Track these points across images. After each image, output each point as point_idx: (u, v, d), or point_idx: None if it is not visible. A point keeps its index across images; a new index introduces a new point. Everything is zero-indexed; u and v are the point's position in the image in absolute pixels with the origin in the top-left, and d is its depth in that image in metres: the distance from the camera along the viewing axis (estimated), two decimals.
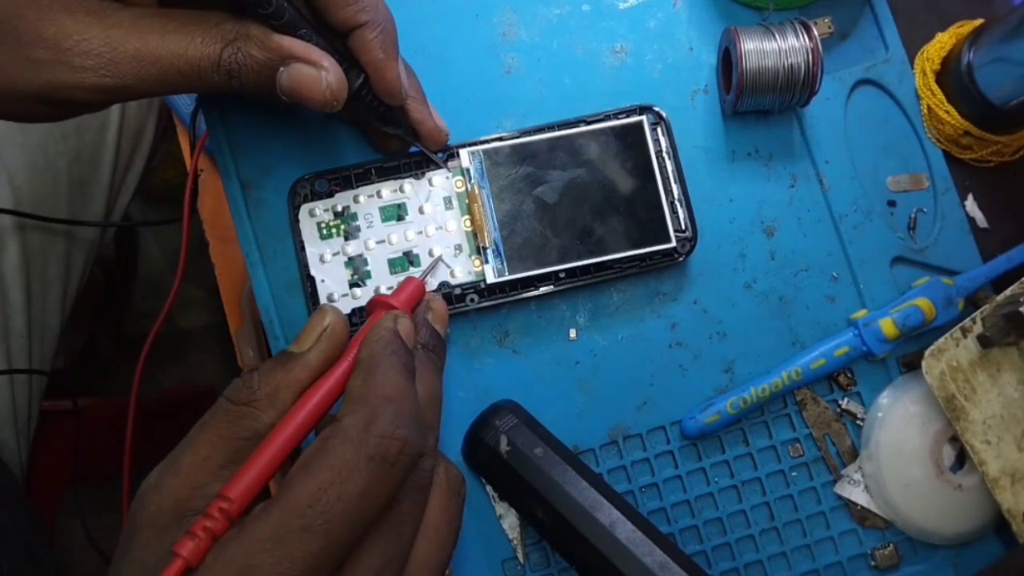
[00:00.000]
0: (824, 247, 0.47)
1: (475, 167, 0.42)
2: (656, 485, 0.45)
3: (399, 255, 0.42)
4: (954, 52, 0.48)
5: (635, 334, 0.45)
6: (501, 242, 0.41)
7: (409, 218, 0.42)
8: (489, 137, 0.43)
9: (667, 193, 0.43)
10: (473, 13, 0.46)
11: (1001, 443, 0.43)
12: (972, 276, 0.46)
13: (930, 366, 0.44)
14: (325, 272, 0.41)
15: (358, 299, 0.41)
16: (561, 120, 0.44)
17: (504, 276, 0.41)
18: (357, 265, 0.41)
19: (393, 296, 0.37)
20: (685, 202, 0.43)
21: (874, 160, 0.48)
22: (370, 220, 0.42)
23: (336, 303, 0.41)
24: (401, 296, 0.37)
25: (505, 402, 0.43)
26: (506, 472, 0.41)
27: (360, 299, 0.41)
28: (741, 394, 0.44)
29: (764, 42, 0.43)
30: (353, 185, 0.42)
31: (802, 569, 0.45)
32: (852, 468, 0.46)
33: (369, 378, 0.31)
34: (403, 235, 0.42)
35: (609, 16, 0.47)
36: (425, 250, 0.42)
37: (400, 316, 0.35)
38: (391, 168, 0.42)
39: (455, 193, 0.42)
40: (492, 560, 0.43)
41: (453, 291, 0.42)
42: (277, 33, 0.34)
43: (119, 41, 0.32)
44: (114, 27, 0.32)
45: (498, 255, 0.41)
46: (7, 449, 0.64)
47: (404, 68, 0.39)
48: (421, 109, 0.41)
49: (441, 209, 0.42)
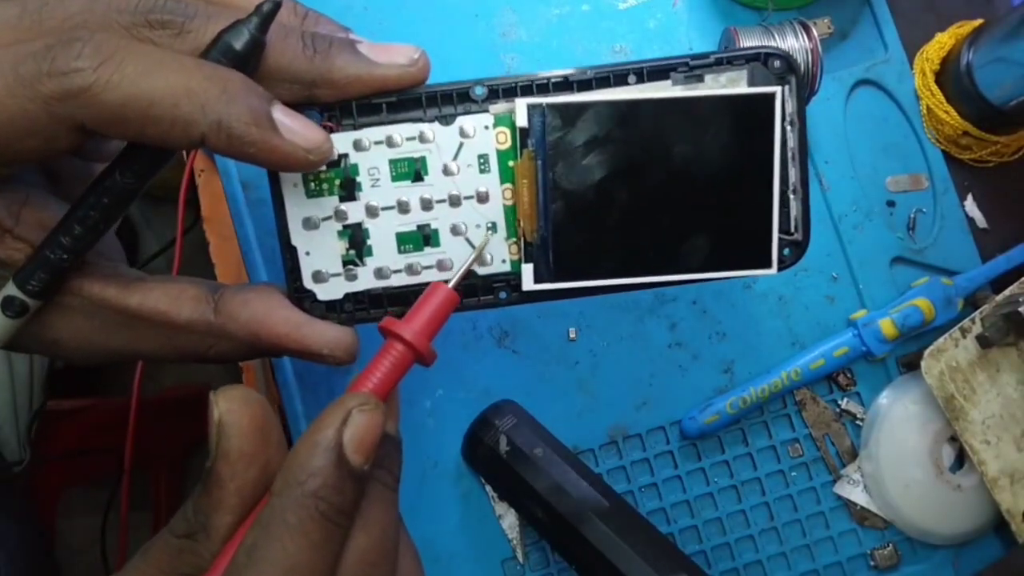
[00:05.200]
0: (824, 247, 0.47)
1: (535, 127, 0.30)
2: (656, 485, 0.45)
3: (412, 228, 0.31)
4: (953, 52, 0.48)
5: (635, 334, 0.45)
6: (552, 238, 0.30)
7: (430, 178, 0.30)
8: (550, 75, 0.30)
9: (782, 180, 0.31)
10: (473, 13, 0.47)
11: (1000, 443, 0.44)
12: (971, 276, 0.46)
13: (929, 366, 0.44)
14: (311, 242, 0.30)
15: (354, 282, 0.31)
16: (651, 60, 0.30)
17: (546, 284, 0.31)
18: (355, 236, 0.30)
19: (408, 320, 0.28)
20: (802, 192, 0.31)
21: (873, 160, 0.48)
22: (376, 176, 0.30)
23: (326, 284, 0.31)
24: (420, 318, 0.28)
25: (505, 402, 0.43)
26: (506, 472, 0.41)
27: (357, 282, 0.31)
28: (740, 394, 0.44)
29: (764, 42, 0.43)
30: (354, 119, 0.30)
31: (801, 569, 0.45)
32: (851, 468, 0.46)
33: (257, 554, 0.23)
34: (419, 201, 0.30)
35: (609, 16, 0.47)
36: (447, 225, 0.31)
37: (360, 410, 0.25)
38: (409, 103, 0.30)
39: (495, 150, 0.30)
40: (492, 560, 0.43)
41: (478, 282, 0.31)
42: None
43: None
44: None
45: (544, 255, 0.30)
46: (7, 449, 0.64)
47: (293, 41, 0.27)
48: (354, 61, 0.28)
49: (474, 171, 0.30)
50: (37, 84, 0.23)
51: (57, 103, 0.24)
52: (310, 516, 0.23)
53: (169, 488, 0.98)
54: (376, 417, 0.25)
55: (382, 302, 0.31)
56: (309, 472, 0.24)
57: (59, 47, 0.24)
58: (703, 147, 0.30)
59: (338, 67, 0.28)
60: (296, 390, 0.43)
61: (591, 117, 0.29)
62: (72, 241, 0.26)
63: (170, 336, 0.29)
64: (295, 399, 0.43)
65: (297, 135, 0.26)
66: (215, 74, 0.25)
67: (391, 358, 0.27)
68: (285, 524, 0.23)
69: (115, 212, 0.27)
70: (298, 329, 0.29)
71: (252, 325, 0.29)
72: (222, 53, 0.25)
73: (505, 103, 0.30)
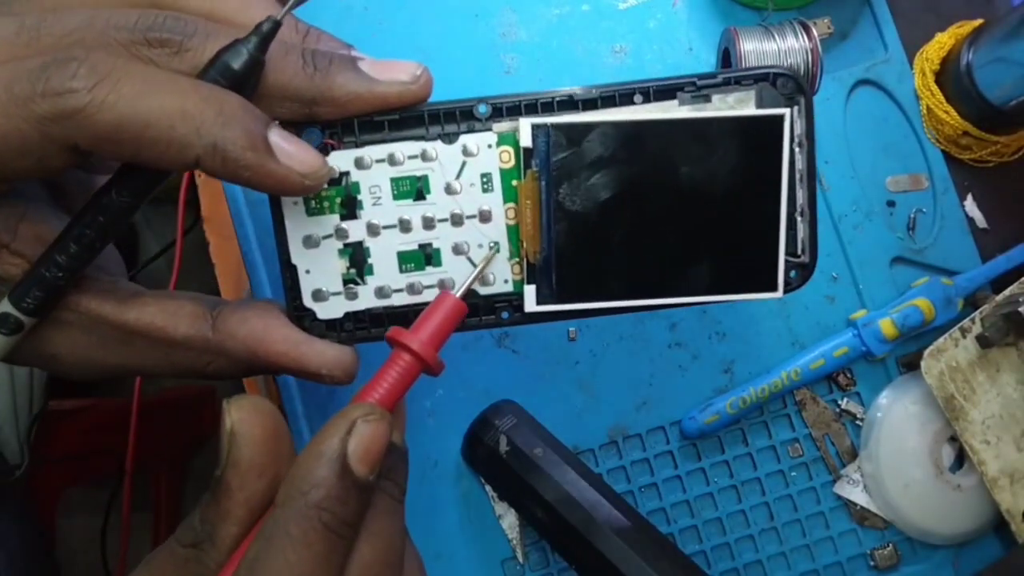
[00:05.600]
0: (823, 247, 0.46)
1: (539, 147, 0.29)
2: (655, 485, 0.45)
3: (414, 247, 0.30)
4: (953, 52, 0.48)
5: (634, 334, 0.45)
6: (555, 259, 0.30)
7: (432, 197, 0.30)
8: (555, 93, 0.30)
9: (790, 202, 0.30)
10: (473, 13, 0.47)
11: (1000, 443, 0.44)
12: (971, 276, 0.46)
13: (929, 366, 0.44)
14: (311, 260, 0.30)
15: (354, 300, 0.30)
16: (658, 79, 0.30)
17: (549, 306, 0.30)
18: (355, 255, 0.30)
19: (415, 329, 0.28)
20: (810, 214, 0.31)
21: (873, 160, 0.48)
22: (377, 195, 0.30)
23: (326, 303, 0.30)
24: (427, 328, 0.28)
25: (505, 402, 0.43)
26: (506, 472, 0.41)
27: (357, 301, 0.30)
28: (740, 394, 0.44)
29: (764, 42, 0.43)
30: (356, 136, 0.29)
31: (801, 569, 0.45)
32: (851, 468, 0.46)
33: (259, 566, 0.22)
34: (421, 220, 0.30)
35: (609, 16, 0.47)
36: (449, 244, 0.30)
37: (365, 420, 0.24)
38: (412, 120, 0.30)
39: (498, 169, 0.30)
40: (491, 560, 0.44)
41: (480, 302, 0.31)
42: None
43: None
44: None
45: (547, 276, 0.30)
46: (7, 449, 0.64)
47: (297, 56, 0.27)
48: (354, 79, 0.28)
49: (477, 189, 0.30)
50: (31, 104, 0.23)
51: (51, 124, 0.23)
52: (313, 528, 0.23)
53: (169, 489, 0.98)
54: (382, 427, 0.24)
55: (383, 321, 0.31)
56: (312, 483, 0.23)
57: (54, 66, 0.23)
58: (710, 169, 0.30)
59: (338, 84, 0.27)
60: (296, 390, 0.43)
61: (596, 138, 0.29)
62: (68, 259, 0.26)
63: (167, 352, 0.29)
64: (295, 399, 0.43)
65: (294, 159, 0.26)
66: (211, 96, 0.24)
67: (398, 368, 0.27)
68: (288, 536, 0.23)
69: (111, 230, 0.26)
70: (296, 348, 0.29)
71: (250, 342, 0.29)
72: (220, 73, 0.25)
73: (509, 121, 0.30)
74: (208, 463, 1.09)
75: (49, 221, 0.27)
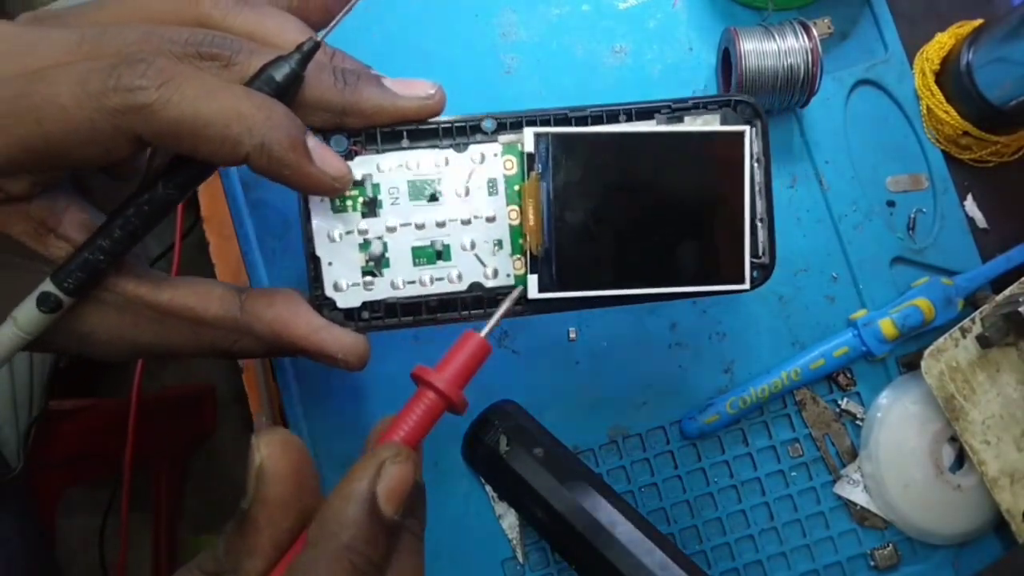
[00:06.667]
0: (823, 247, 0.47)
1: (541, 153, 0.33)
2: (656, 485, 0.45)
3: (426, 244, 0.34)
4: (953, 52, 0.48)
5: (635, 334, 0.45)
6: (554, 251, 0.34)
7: (444, 199, 0.34)
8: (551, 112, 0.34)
9: (751, 212, 0.35)
10: (473, 13, 0.47)
11: (1000, 443, 0.44)
12: (971, 276, 0.46)
13: (929, 366, 0.44)
14: (334, 253, 0.33)
15: (371, 291, 0.34)
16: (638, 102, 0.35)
17: (550, 293, 0.34)
18: (373, 249, 0.34)
19: (440, 368, 0.29)
20: (768, 221, 0.35)
21: (873, 160, 0.48)
22: (395, 196, 0.33)
23: (345, 292, 0.34)
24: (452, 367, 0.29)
25: (505, 402, 0.43)
26: (506, 472, 0.41)
27: (374, 292, 0.34)
28: (740, 394, 0.44)
29: (764, 42, 0.43)
30: (378, 145, 0.33)
31: (801, 569, 0.45)
32: (851, 468, 0.46)
33: None
34: (434, 220, 0.34)
35: (609, 16, 0.47)
36: (458, 242, 0.34)
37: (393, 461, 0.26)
38: (428, 132, 0.34)
39: (503, 176, 0.34)
40: (492, 560, 0.44)
41: (486, 295, 0.34)
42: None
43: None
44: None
45: (548, 267, 0.34)
46: (7, 449, 0.64)
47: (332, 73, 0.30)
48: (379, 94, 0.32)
49: (484, 193, 0.34)
50: (103, 97, 0.26)
51: (120, 116, 0.26)
52: (343, 568, 0.24)
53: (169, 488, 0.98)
54: (408, 468, 0.26)
55: (396, 311, 0.34)
56: (343, 524, 0.24)
57: (124, 66, 0.26)
58: (685, 176, 0.34)
59: (365, 98, 0.31)
60: (296, 390, 0.43)
61: (589, 146, 0.33)
62: (111, 244, 0.29)
63: (197, 331, 0.31)
64: (295, 399, 0.43)
65: (326, 163, 0.30)
66: (262, 102, 0.27)
67: (423, 406, 0.28)
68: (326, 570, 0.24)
69: (154, 220, 0.29)
70: (317, 332, 0.32)
71: (276, 325, 0.31)
72: (265, 84, 0.28)
73: (512, 134, 0.34)
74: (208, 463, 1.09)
75: (89, 212, 0.30)
